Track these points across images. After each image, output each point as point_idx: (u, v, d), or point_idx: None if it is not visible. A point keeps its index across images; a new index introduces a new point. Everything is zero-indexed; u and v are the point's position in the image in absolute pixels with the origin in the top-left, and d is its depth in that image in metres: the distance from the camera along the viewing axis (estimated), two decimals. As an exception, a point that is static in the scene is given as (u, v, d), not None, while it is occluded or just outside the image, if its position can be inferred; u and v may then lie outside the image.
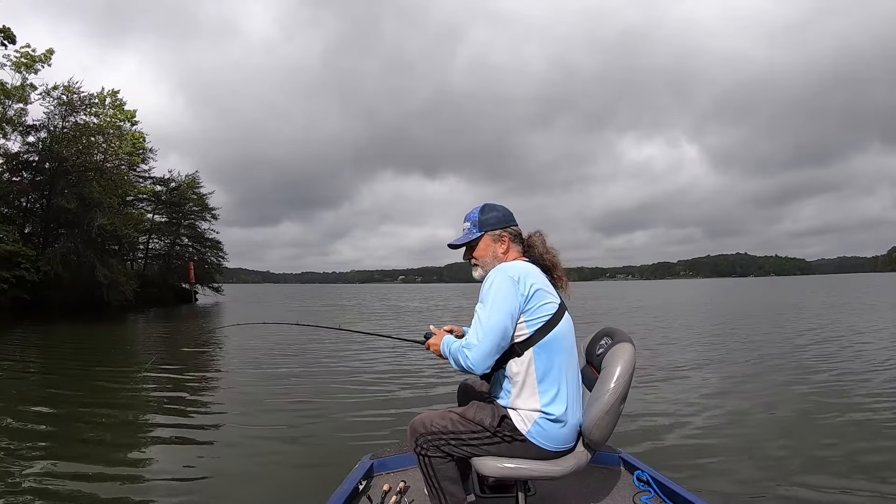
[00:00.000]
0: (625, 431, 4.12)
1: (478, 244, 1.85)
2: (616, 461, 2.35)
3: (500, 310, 1.62)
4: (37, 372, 8.23)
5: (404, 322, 17.68)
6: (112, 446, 4.22)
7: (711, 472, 3.40)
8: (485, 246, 1.84)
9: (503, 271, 1.68)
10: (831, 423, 4.49)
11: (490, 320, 1.62)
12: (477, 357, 1.62)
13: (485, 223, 1.84)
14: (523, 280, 1.66)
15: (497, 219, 1.85)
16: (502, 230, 1.84)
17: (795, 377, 6.49)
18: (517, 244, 1.87)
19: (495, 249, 1.83)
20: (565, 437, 1.68)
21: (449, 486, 1.71)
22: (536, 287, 1.68)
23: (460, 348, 1.67)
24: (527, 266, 1.74)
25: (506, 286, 1.64)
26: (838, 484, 3.17)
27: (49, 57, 21.88)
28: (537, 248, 1.86)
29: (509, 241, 1.84)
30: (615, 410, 1.66)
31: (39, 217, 24.10)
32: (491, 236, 1.84)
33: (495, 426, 1.68)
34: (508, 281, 1.65)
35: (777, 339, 10.29)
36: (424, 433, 1.71)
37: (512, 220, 1.88)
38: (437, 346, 1.80)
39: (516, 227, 1.88)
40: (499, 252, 1.83)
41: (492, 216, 1.85)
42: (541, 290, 1.69)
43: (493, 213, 1.85)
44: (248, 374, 7.52)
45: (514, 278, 1.65)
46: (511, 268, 1.70)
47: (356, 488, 2.10)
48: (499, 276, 1.67)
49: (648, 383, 6.22)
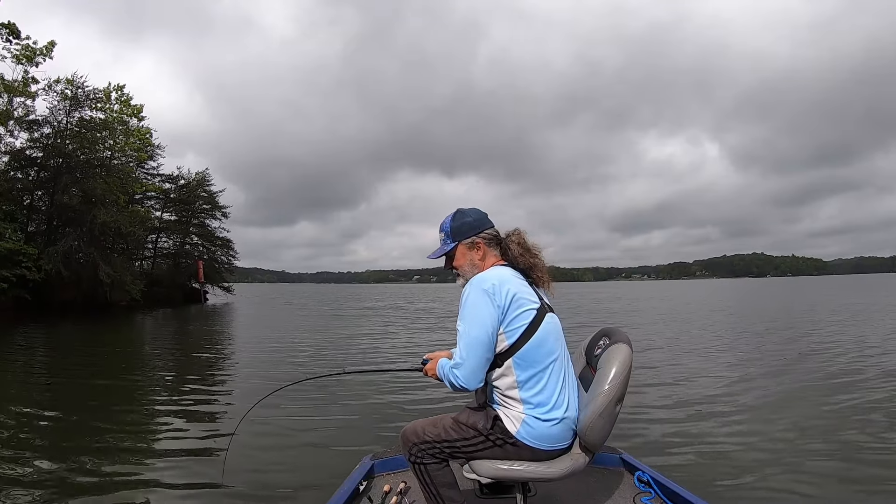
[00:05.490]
0: (626, 432, 4.15)
1: (454, 254, 1.83)
2: (617, 462, 2.35)
3: (478, 324, 1.62)
4: (36, 374, 8.05)
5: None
6: (112, 448, 4.15)
7: (713, 474, 3.39)
8: (461, 255, 1.82)
9: (476, 285, 1.67)
10: (834, 424, 4.42)
11: (469, 336, 1.62)
12: (466, 374, 1.63)
13: (457, 232, 1.82)
14: (498, 290, 1.64)
15: (469, 226, 1.82)
16: (475, 236, 1.81)
17: (803, 381, 6.32)
18: (494, 248, 1.84)
19: (472, 257, 1.81)
20: (557, 436, 1.66)
21: (447, 492, 1.71)
22: (512, 294, 1.65)
23: (450, 369, 1.68)
24: (502, 273, 1.72)
25: (480, 300, 1.64)
26: (839, 486, 3.18)
27: (51, 50, 21.25)
28: (513, 250, 1.80)
29: (485, 247, 1.82)
30: (610, 412, 1.64)
31: (43, 214, 23.60)
32: (465, 245, 1.81)
33: (488, 428, 1.68)
34: (482, 294, 1.64)
35: (786, 341, 10.06)
36: (417, 442, 1.73)
37: (485, 224, 1.84)
38: (434, 370, 1.82)
39: (491, 231, 1.84)
40: (476, 259, 1.81)
41: (464, 224, 1.82)
42: (518, 297, 1.66)
43: (465, 221, 1.82)
44: (249, 373, 7.57)
45: (487, 291, 1.64)
46: (484, 279, 1.67)
47: (356, 489, 2.10)
48: (472, 290, 1.66)
49: (650, 384, 6.21)
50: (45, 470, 3.56)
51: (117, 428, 4.65)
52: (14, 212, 22.28)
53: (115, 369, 8.25)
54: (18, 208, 22.82)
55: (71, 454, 3.86)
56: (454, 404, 4.60)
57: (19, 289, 19.58)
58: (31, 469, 3.57)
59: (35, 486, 3.29)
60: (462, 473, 1.77)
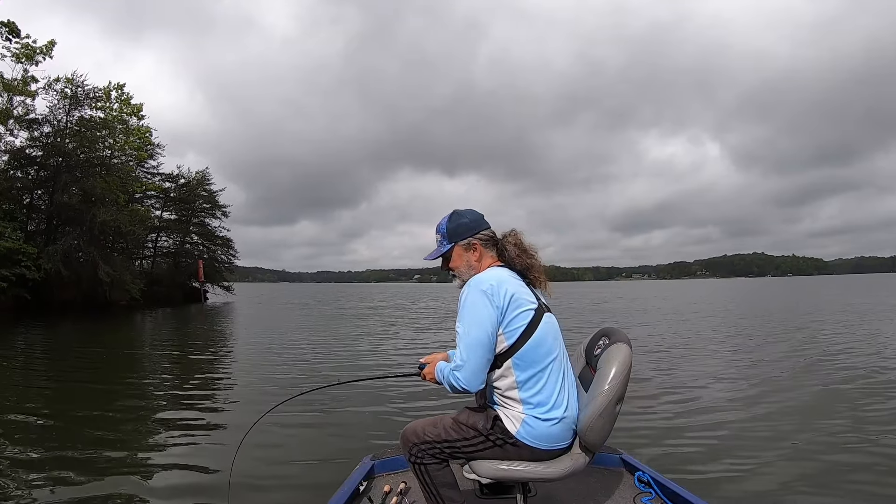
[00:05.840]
0: (626, 432, 4.14)
1: (451, 255, 1.83)
2: (617, 462, 2.34)
3: (477, 326, 1.62)
4: (34, 374, 7.98)
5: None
6: (111, 447, 4.12)
7: (713, 474, 3.37)
8: (457, 256, 1.82)
9: (474, 286, 1.67)
10: (835, 426, 4.38)
11: (469, 337, 1.62)
12: (467, 376, 1.62)
13: (453, 233, 1.81)
14: (496, 291, 1.64)
15: (466, 227, 1.81)
16: (471, 237, 1.80)
17: (805, 381, 6.27)
18: (490, 248, 1.83)
19: (468, 258, 1.81)
20: (557, 435, 1.66)
21: (447, 492, 1.71)
22: (511, 294, 1.65)
23: (451, 372, 1.67)
24: (499, 274, 1.72)
25: (479, 301, 1.64)
26: (841, 486, 3.16)
27: (50, 49, 21.23)
28: (509, 251, 1.80)
29: (481, 248, 1.81)
30: (610, 411, 1.64)
31: (44, 213, 23.57)
32: (461, 246, 1.81)
33: (488, 428, 1.68)
34: (480, 295, 1.64)
35: (786, 341, 9.97)
36: (418, 442, 1.72)
37: (481, 225, 1.83)
38: (432, 373, 1.81)
39: (487, 231, 1.84)
40: (472, 261, 1.81)
41: (460, 225, 1.81)
42: (516, 297, 1.66)
43: (461, 222, 1.82)
44: (249, 373, 7.51)
45: (486, 292, 1.64)
46: (482, 280, 1.67)
47: (357, 489, 2.10)
48: (470, 292, 1.66)
49: (651, 384, 6.17)
50: (44, 470, 3.53)
51: (114, 428, 4.61)
52: (14, 211, 22.28)
53: (114, 370, 8.18)
54: (18, 207, 22.82)
55: (67, 456, 3.83)
56: (454, 405, 4.56)
57: (19, 288, 19.59)
58: (29, 469, 3.54)
59: (31, 488, 3.26)
60: (462, 474, 1.77)
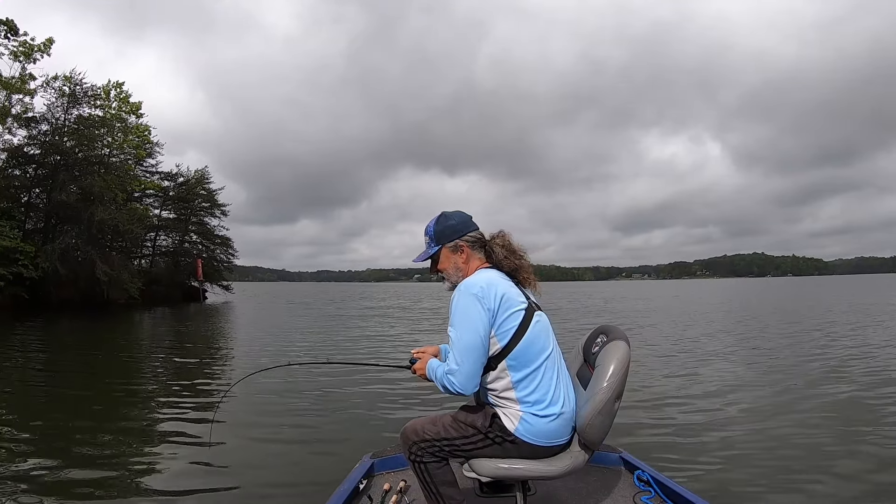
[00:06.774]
0: (625, 431, 4.12)
1: (438, 257, 1.83)
2: (616, 461, 2.34)
3: (470, 329, 1.62)
4: (31, 373, 7.95)
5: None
6: (110, 446, 4.15)
7: (713, 473, 3.37)
8: (445, 259, 1.82)
9: (465, 290, 1.66)
10: (835, 427, 4.35)
11: (462, 341, 1.62)
12: (462, 380, 1.62)
13: (441, 235, 1.82)
14: (487, 294, 1.64)
15: (453, 229, 1.81)
16: (458, 240, 1.80)
17: (806, 381, 6.23)
18: (478, 250, 1.83)
19: (455, 260, 1.81)
20: (555, 431, 1.67)
21: (446, 490, 1.72)
22: (501, 296, 1.66)
23: (445, 375, 1.66)
24: (489, 276, 1.72)
25: (470, 305, 1.63)
26: (841, 486, 3.14)
27: (48, 46, 21.14)
28: (497, 253, 1.80)
29: (468, 250, 1.81)
30: (609, 409, 1.65)
31: (42, 212, 23.50)
32: (448, 248, 1.81)
33: (487, 426, 1.68)
34: (472, 299, 1.64)
35: (787, 341, 9.97)
36: (417, 441, 1.73)
37: (469, 227, 1.83)
38: (423, 370, 1.80)
39: (475, 233, 1.83)
40: (459, 263, 1.81)
41: (447, 227, 1.81)
42: (506, 298, 1.67)
43: (448, 224, 1.82)
44: (248, 372, 7.06)
45: (476, 295, 1.64)
46: (472, 284, 1.67)
47: (356, 487, 2.10)
48: (461, 296, 1.66)
49: (650, 383, 6.16)
50: (40, 471, 3.52)
51: (112, 429, 4.60)
52: (11, 209, 22.23)
53: (111, 370, 8.14)
54: (16, 206, 22.78)
55: (65, 456, 3.82)
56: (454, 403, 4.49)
57: (16, 287, 19.53)
58: (26, 470, 3.53)
59: (29, 486, 3.25)
60: (462, 472, 1.76)
